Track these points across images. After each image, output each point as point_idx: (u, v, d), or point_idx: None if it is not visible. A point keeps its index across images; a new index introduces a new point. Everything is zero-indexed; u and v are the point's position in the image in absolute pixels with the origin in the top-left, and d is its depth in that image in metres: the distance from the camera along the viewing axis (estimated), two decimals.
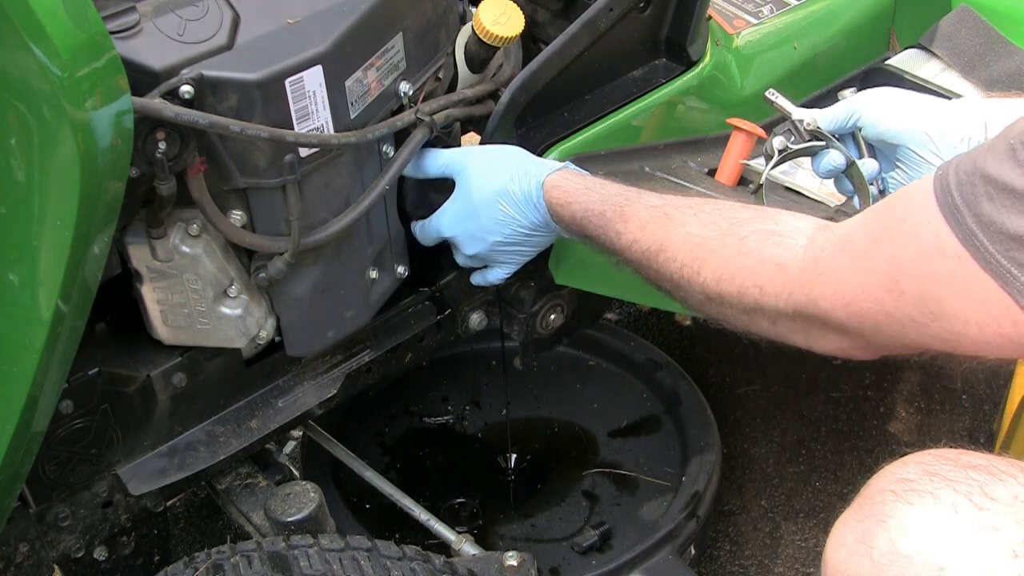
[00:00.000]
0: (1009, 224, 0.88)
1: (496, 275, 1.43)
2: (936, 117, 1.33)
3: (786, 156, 1.38)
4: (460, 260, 1.43)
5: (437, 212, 1.38)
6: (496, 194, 1.32)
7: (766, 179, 1.39)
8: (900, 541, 0.91)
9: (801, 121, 1.37)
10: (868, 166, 1.37)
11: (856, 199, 1.39)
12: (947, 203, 0.92)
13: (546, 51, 1.42)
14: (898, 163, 1.37)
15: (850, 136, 1.39)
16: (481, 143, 1.41)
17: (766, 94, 1.41)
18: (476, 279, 1.46)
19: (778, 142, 1.38)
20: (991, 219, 0.89)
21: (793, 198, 1.54)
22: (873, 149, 1.40)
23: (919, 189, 0.96)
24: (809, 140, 1.37)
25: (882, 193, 1.38)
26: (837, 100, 1.44)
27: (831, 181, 1.42)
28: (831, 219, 1.45)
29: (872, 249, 0.99)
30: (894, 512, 0.92)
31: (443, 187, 1.38)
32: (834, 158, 1.36)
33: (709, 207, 1.18)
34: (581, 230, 1.28)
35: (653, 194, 1.25)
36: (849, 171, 1.37)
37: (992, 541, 0.88)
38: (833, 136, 1.37)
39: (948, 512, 0.90)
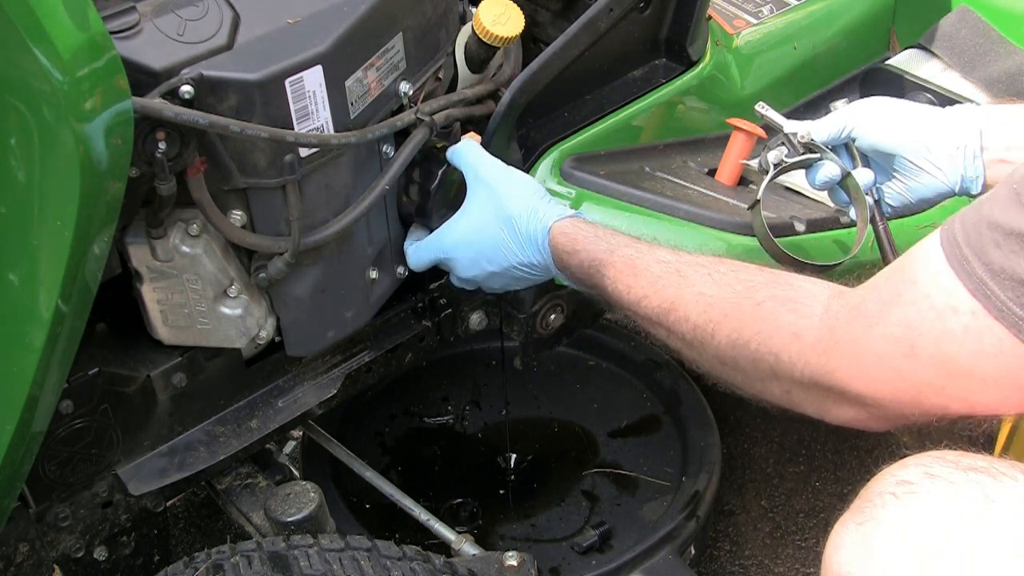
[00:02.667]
0: (1019, 269, 0.87)
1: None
2: (931, 126, 1.32)
3: (781, 170, 1.37)
4: (454, 280, 1.42)
5: (438, 231, 1.36)
6: (502, 226, 1.30)
7: (763, 193, 1.38)
8: (900, 544, 0.91)
9: (795, 134, 1.37)
10: (863, 176, 1.36)
11: (852, 209, 1.39)
12: (955, 255, 0.92)
13: (546, 51, 1.42)
14: (894, 173, 1.37)
15: (844, 147, 1.39)
16: (482, 144, 1.41)
17: (756, 108, 1.41)
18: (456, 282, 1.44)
19: (773, 156, 1.37)
20: (1000, 266, 0.88)
21: (793, 198, 1.54)
22: (867, 159, 1.39)
23: (927, 248, 0.95)
24: (803, 153, 1.37)
25: (877, 203, 1.38)
26: (830, 110, 1.43)
27: None
28: (833, 219, 1.46)
29: (885, 313, 0.98)
30: (894, 514, 0.92)
31: (448, 200, 1.38)
32: (829, 170, 1.35)
33: (724, 267, 1.16)
34: (588, 279, 1.26)
35: (665, 248, 1.22)
36: (845, 182, 1.37)
37: (994, 544, 0.88)
38: (827, 148, 1.37)
39: (948, 515, 0.90)
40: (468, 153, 1.34)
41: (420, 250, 1.38)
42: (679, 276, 1.17)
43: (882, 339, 0.98)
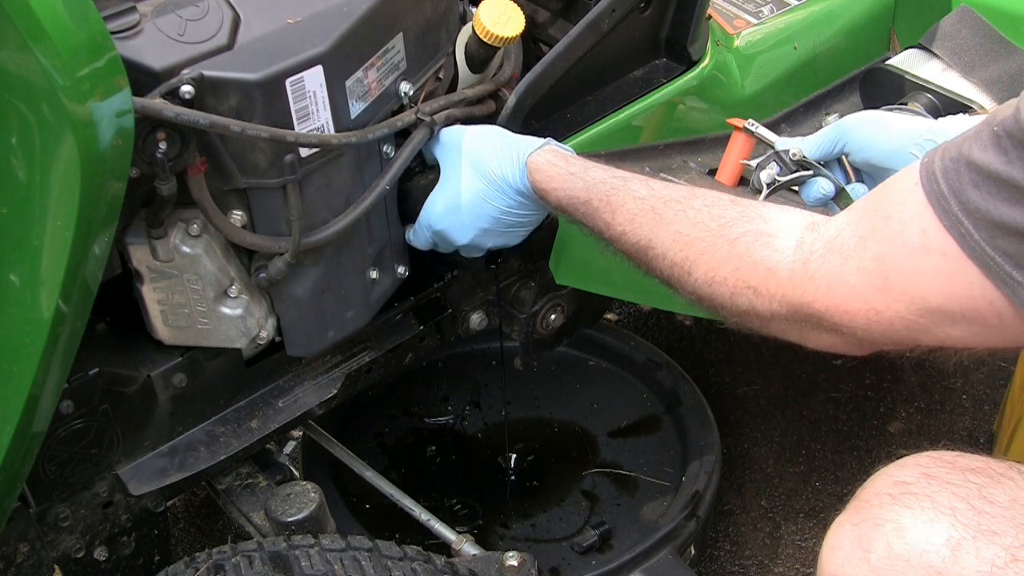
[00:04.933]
0: (994, 211, 0.88)
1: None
2: (922, 138, 1.31)
3: (774, 189, 1.37)
4: (462, 253, 1.41)
5: (423, 210, 1.36)
6: (478, 177, 1.30)
7: None
8: (897, 545, 0.91)
9: (786, 151, 1.36)
10: (858, 191, 1.36)
11: None
12: (933, 190, 0.92)
13: (551, 53, 1.42)
14: None
15: (836, 162, 1.39)
16: None
17: (746, 124, 1.41)
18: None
19: (765, 175, 1.37)
20: (977, 206, 0.89)
21: (793, 198, 1.54)
22: (860, 173, 1.39)
23: (904, 183, 0.96)
24: (796, 170, 1.36)
25: None
26: (822, 126, 1.43)
27: None
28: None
29: (860, 248, 0.99)
30: (891, 516, 0.92)
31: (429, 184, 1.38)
32: (823, 186, 1.35)
33: (697, 203, 1.17)
34: (567, 215, 1.27)
35: (639, 181, 1.22)
36: (839, 198, 1.36)
37: (990, 545, 0.88)
38: (819, 164, 1.37)
39: (946, 515, 0.90)
40: (425, 135, 1.33)
41: (417, 228, 1.38)
42: (655, 214, 1.18)
43: (856, 273, 0.99)
